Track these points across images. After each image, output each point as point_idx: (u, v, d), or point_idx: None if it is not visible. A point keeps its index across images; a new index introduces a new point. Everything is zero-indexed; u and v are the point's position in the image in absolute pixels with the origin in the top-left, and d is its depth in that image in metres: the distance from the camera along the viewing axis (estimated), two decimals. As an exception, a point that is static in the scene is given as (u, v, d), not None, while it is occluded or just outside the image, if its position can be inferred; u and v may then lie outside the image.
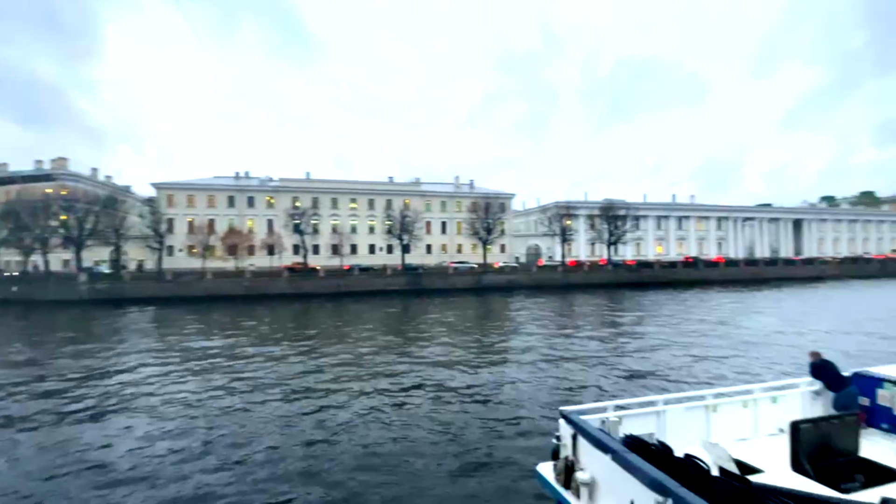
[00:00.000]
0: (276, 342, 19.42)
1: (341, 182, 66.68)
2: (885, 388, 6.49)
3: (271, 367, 14.86)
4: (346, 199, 64.63)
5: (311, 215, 55.59)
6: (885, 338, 18.66)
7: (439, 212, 68.06)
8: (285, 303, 37.95)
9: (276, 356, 16.48)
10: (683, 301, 34.85)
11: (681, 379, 12.90)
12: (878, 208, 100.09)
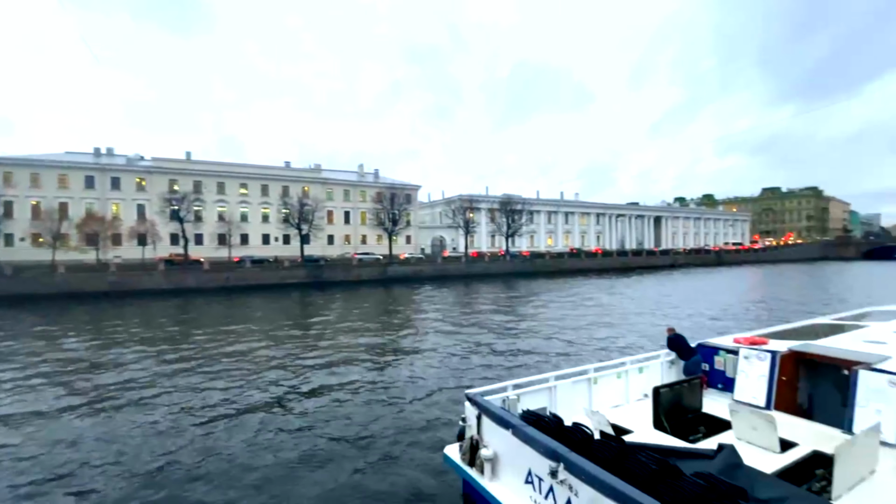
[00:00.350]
0: (150, 343, 17.09)
1: (229, 165, 60.25)
2: (719, 355, 7.97)
3: (143, 372, 13.05)
4: (235, 183, 58.84)
5: (192, 201, 49.33)
6: (719, 313, 22.90)
7: (342, 201, 65.71)
8: (162, 299, 33.53)
9: (150, 359, 14.51)
10: (569, 287, 38.66)
11: (570, 354, 14.37)
12: (715, 208, 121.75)
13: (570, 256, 65.21)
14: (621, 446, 4.33)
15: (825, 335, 8.29)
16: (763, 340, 7.79)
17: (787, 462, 5.22)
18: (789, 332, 8.99)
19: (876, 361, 6.19)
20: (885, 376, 5.78)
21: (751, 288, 38.58)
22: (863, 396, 5.90)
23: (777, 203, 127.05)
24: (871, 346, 7.17)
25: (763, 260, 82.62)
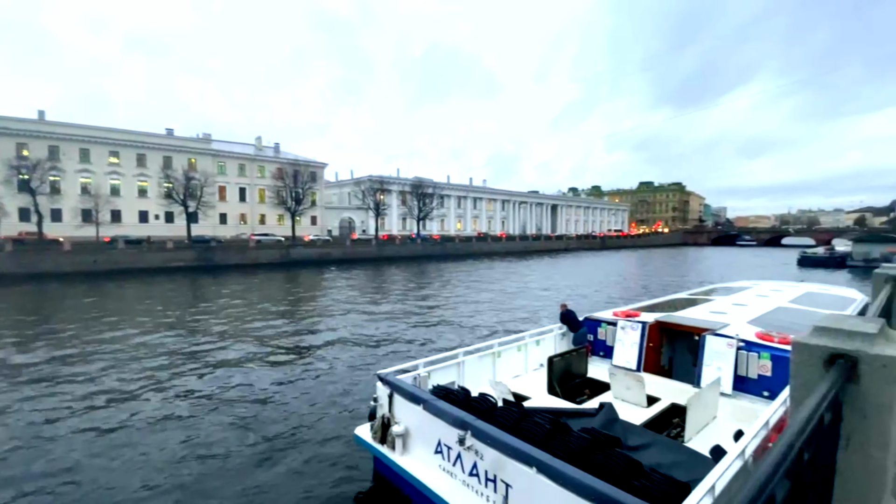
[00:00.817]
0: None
1: (95, 129, 50.82)
2: (602, 327, 9.06)
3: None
4: (104, 151, 50.22)
5: (47, 169, 41.16)
6: (604, 291, 25.84)
7: (236, 176, 59.91)
8: (9, 285, 27.78)
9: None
10: (478, 270, 40.39)
11: (478, 331, 15.12)
12: (601, 199, 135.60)
13: (478, 240, 67.98)
14: (521, 411, 4.77)
15: (682, 308, 9.88)
16: (636, 313, 9.01)
17: (652, 414, 6.19)
18: (655, 305, 10.51)
19: (718, 328, 7.56)
20: (724, 339, 7.11)
21: (629, 269, 44.03)
22: (708, 357, 7.20)
23: (650, 195, 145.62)
24: (716, 315, 8.72)
25: (638, 245, 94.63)
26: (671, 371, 8.45)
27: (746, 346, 6.87)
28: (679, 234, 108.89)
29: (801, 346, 1.61)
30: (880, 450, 1.52)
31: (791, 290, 11.97)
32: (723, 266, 46.14)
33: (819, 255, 47.21)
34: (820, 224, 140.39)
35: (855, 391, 1.52)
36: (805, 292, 11.72)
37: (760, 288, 12.64)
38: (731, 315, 8.65)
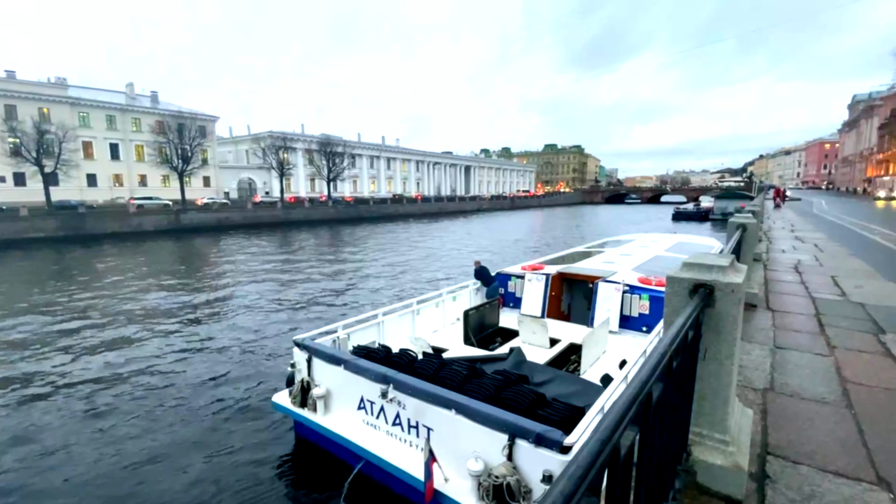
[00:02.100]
0: None
1: None
2: (512, 280, 9.73)
3: None
4: None
5: None
6: (514, 247, 27.47)
7: (105, 130, 50.91)
8: None
9: None
10: (393, 231, 40.15)
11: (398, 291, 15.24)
12: (511, 160, 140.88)
13: (393, 202, 67.01)
14: (440, 362, 5.04)
15: (579, 260, 10.98)
16: (540, 266, 9.80)
17: (554, 353, 6.92)
18: (557, 259, 11.50)
19: (608, 276, 8.55)
20: (613, 285, 8.08)
21: (535, 227, 47.08)
22: (600, 301, 8.15)
23: (554, 157, 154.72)
24: (606, 265, 9.83)
25: (544, 205, 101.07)
26: (570, 315, 9.44)
27: (630, 289, 7.89)
28: (578, 194, 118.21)
29: (673, 279, 1.93)
30: (728, 358, 1.90)
31: (666, 241, 13.83)
32: (614, 222, 51.45)
33: (689, 211, 54.76)
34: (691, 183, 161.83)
35: (711, 313, 1.87)
36: (677, 242, 13.62)
37: (642, 240, 14.42)
38: (618, 264, 9.80)
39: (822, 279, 6.95)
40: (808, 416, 2.70)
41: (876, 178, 63.18)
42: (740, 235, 4.28)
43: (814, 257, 9.23)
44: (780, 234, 13.60)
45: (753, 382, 3.18)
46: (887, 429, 2.56)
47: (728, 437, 1.92)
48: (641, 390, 1.00)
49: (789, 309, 5.15)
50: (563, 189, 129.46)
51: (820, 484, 2.08)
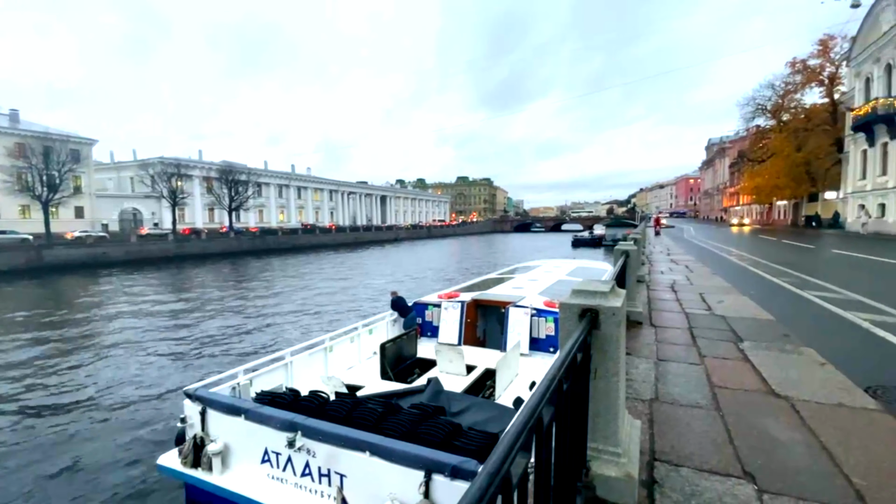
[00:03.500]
0: None
1: None
2: (429, 309, 9.76)
3: None
4: None
5: None
6: (431, 276, 27.70)
7: (-58, 152, 42.30)
8: None
9: None
10: (305, 263, 38.25)
11: (309, 328, 14.37)
12: (426, 191, 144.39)
13: (305, 232, 64.22)
14: (354, 401, 4.80)
15: (492, 286, 11.43)
16: (456, 294, 10.00)
17: (470, 380, 7.00)
18: (472, 286, 11.85)
19: (518, 300, 8.99)
20: (522, 309, 8.50)
21: (452, 255, 48.23)
22: (511, 325, 8.51)
23: (466, 189, 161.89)
24: (516, 290, 10.34)
25: (459, 233, 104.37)
26: (485, 341, 9.69)
27: (537, 313, 8.37)
28: (490, 223, 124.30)
29: (564, 305, 2.09)
30: (615, 375, 2.09)
31: (568, 266, 15.02)
32: (523, 249, 54.76)
33: (585, 238, 60.32)
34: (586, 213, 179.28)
35: (598, 335, 2.05)
36: (577, 267, 14.85)
37: (547, 265, 15.51)
38: (526, 289, 10.38)
39: (693, 296, 8.04)
40: (686, 421, 3.04)
41: (730, 207, 75.97)
42: (624, 261, 4.81)
43: (685, 277, 10.67)
44: (659, 258, 15.55)
45: (642, 394, 3.51)
46: (748, 426, 2.98)
47: (620, 449, 2.08)
48: (531, 416, 1.05)
49: (668, 324, 5.84)
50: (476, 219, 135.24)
51: (699, 483, 2.33)
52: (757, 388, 3.63)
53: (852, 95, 33.72)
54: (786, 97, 43.32)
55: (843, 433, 2.85)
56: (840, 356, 4.48)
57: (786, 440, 2.77)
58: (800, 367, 4.11)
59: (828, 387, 3.63)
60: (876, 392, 3.78)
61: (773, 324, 5.88)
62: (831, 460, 2.53)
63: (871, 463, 2.50)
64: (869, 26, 30.36)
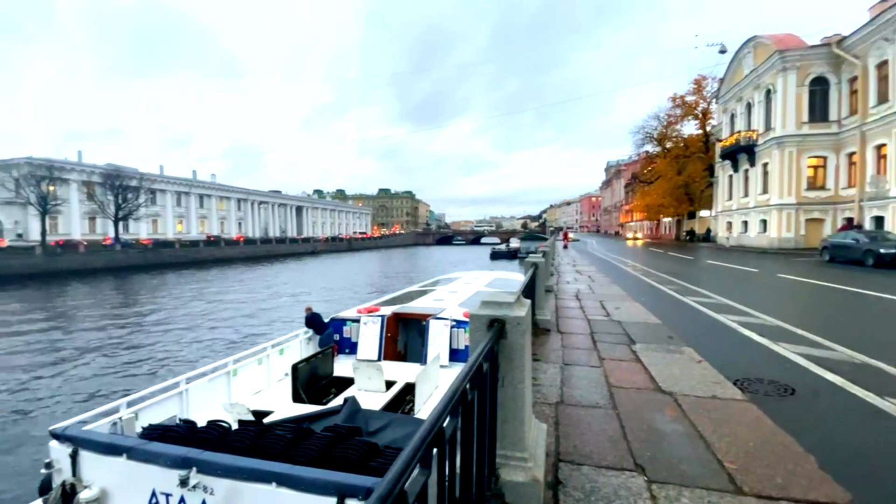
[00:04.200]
0: None
1: None
2: (347, 325, 9.42)
3: None
4: None
5: None
6: (351, 290, 26.86)
7: None
8: None
9: None
10: (207, 279, 34.92)
11: (209, 351, 13.04)
12: (346, 202, 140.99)
13: (208, 244, 58.76)
14: (260, 429, 4.43)
15: (414, 299, 11.39)
16: (376, 308, 9.80)
17: (389, 397, 6.85)
18: (393, 299, 11.72)
19: (438, 313, 9.06)
20: (442, 321, 8.58)
21: (373, 268, 47.40)
22: (431, 337, 8.53)
23: (388, 201, 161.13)
24: (437, 302, 10.42)
25: (380, 246, 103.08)
26: (406, 355, 9.59)
27: (457, 324, 8.51)
28: (412, 236, 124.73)
29: (474, 316, 2.15)
30: (520, 382, 2.17)
31: (486, 277, 15.54)
32: (444, 261, 55.66)
33: (502, 251, 63.09)
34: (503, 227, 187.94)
35: (505, 344, 2.13)
36: (495, 278, 15.43)
37: (467, 277, 15.90)
38: (447, 301, 10.52)
39: (594, 304, 8.76)
40: (587, 422, 3.26)
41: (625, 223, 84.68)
42: (533, 272, 5.11)
43: (588, 286, 11.60)
44: (566, 269, 16.78)
45: (549, 398, 3.71)
46: (640, 422, 3.28)
47: (527, 454, 2.16)
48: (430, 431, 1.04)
49: (573, 331, 6.29)
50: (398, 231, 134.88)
51: (597, 480, 2.49)
52: (647, 386, 4.03)
53: (721, 128, 39.84)
54: (668, 127, 50.09)
55: (716, 422, 3.26)
56: (713, 354, 5.16)
57: (670, 432, 3.10)
58: (681, 365, 4.66)
59: (704, 382, 4.15)
60: (743, 384, 4.38)
61: (660, 327, 6.61)
62: (707, 448, 2.88)
63: (740, 447, 2.88)
64: (733, 70, 36.17)
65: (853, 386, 4.26)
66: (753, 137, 32.06)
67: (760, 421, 3.28)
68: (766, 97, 30.81)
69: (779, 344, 5.89)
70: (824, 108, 27.80)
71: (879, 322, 7.73)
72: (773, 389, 4.28)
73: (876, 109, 23.61)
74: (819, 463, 2.66)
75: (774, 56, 28.69)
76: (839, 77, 27.03)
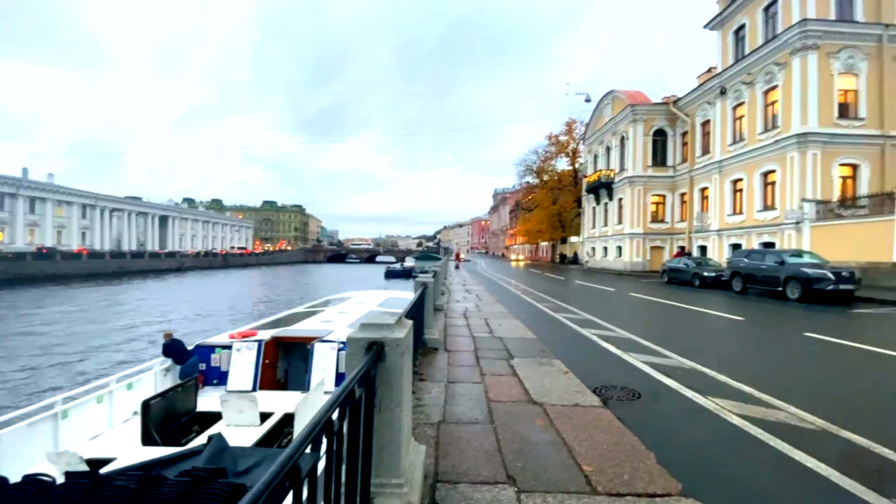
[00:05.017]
0: None
1: None
2: (216, 352, 8.39)
3: None
4: None
5: None
6: (225, 312, 24.12)
7: None
8: None
9: None
10: (34, 300, 28.39)
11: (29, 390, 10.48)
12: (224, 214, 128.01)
13: (39, 257, 48.03)
14: (94, 480, 3.66)
15: (299, 321, 10.66)
16: (253, 332, 8.94)
17: (264, 430, 6.24)
18: (274, 321, 10.83)
19: (325, 335, 8.60)
20: (329, 344, 8.16)
21: (254, 287, 43.42)
22: (316, 362, 8.04)
23: (274, 215, 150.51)
24: (324, 324, 9.90)
25: (263, 263, 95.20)
26: (287, 383, 8.87)
27: (344, 346, 8.17)
28: (301, 253, 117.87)
29: (352, 339, 2.08)
30: (398, 406, 2.14)
31: (379, 297, 15.31)
32: (337, 280, 53.56)
33: (397, 269, 63.12)
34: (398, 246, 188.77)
35: (383, 367, 2.09)
36: (387, 297, 15.27)
37: (359, 297, 15.48)
38: (336, 322, 10.07)
39: (480, 321, 9.20)
40: (467, 439, 3.36)
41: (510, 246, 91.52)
42: (422, 292, 5.19)
43: (476, 305, 12.18)
44: (457, 288, 17.42)
45: (431, 417, 3.74)
46: (513, 434, 3.47)
47: (403, 479, 2.12)
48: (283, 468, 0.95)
49: (459, 348, 6.50)
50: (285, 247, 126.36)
51: (472, 496, 2.55)
52: (521, 399, 4.32)
53: (587, 166, 45.90)
54: (545, 162, 56.19)
55: (577, 429, 3.61)
56: (578, 365, 5.76)
57: (539, 442, 3.34)
58: (551, 377, 5.10)
59: (569, 391, 4.59)
60: (600, 391, 4.95)
61: (535, 341, 7.19)
62: (570, 453, 3.16)
63: (596, 450, 3.22)
64: (596, 117, 42.14)
65: (684, 388, 5.10)
66: (611, 176, 37.57)
67: (612, 424, 3.73)
68: (621, 142, 36.47)
69: (629, 354, 6.82)
70: (664, 154, 33.91)
71: (702, 333, 9.47)
72: (623, 394, 4.91)
73: (700, 159, 29.49)
74: (657, 458, 3.10)
75: (627, 109, 34.29)
76: (675, 130, 33.28)
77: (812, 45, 20.21)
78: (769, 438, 3.65)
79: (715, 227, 27.13)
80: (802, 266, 14.21)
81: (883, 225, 16.47)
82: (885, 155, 20.31)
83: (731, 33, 26.19)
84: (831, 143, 20.29)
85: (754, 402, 4.56)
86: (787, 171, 21.18)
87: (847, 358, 6.74)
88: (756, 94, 23.67)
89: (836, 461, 3.23)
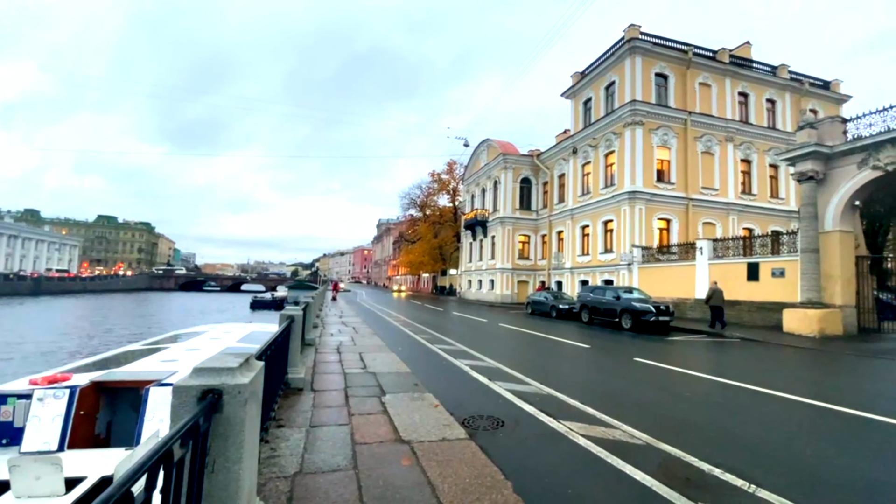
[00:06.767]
0: None
1: None
2: (7, 403, 6.48)
3: None
4: None
5: None
6: (24, 353, 18.97)
7: None
8: None
9: None
10: None
11: None
12: (41, 227, 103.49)
13: None
14: None
15: (132, 361, 8.88)
16: (66, 377, 7.15)
17: (71, 500, 4.92)
18: (99, 362, 8.85)
19: (165, 377, 7.28)
20: (168, 389, 6.93)
21: (73, 319, 35.33)
22: (150, 411, 6.71)
23: (112, 232, 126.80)
24: (167, 364, 8.40)
25: (91, 289, 78.55)
26: (109, 439, 7.23)
27: None
28: (145, 278, 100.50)
29: (180, 388, 1.75)
30: (237, 463, 1.85)
31: (240, 331, 13.68)
32: (188, 312, 46.66)
33: (266, 300, 57.71)
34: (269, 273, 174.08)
35: (219, 419, 1.80)
36: (250, 332, 13.73)
37: (215, 331, 13.62)
38: (181, 362, 8.64)
39: (353, 356, 8.83)
40: (325, 490, 3.08)
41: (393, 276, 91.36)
42: (287, 326, 4.76)
43: (351, 338, 11.70)
44: (332, 320, 16.59)
45: (286, 469, 3.36)
46: (377, 479, 3.30)
47: (238, 552, 1.82)
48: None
49: (327, 387, 6.09)
50: (122, 271, 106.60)
51: (325, 555, 2.31)
52: (389, 438, 4.17)
53: (465, 204, 48.99)
54: (429, 197, 58.63)
55: (442, 465, 3.59)
56: (448, 397, 5.84)
57: (402, 485, 3.23)
58: (422, 412, 5.07)
59: (437, 425, 4.59)
60: (467, 422, 5.05)
61: (410, 375, 7.13)
62: (433, 492, 3.11)
63: (458, 485, 3.22)
64: (473, 161, 45.63)
65: (541, 414, 5.51)
66: (486, 215, 40.75)
67: (476, 456, 3.81)
68: (494, 186, 40.00)
69: (496, 382, 7.19)
70: (529, 200, 38.09)
71: (557, 360, 10.49)
72: (489, 424, 5.10)
73: (557, 206, 33.76)
74: (514, 487, 3.24)
75: (499, 157, 38.00)
76: (538, 179, 37.75)
77: (639, 121, 25.22)
78: (607, 455, 4.12)
79: (568, 265, 31.07)
80: (633, 301, 16.99)
81: (687, 268, 20.77)
82: (689, 212, 25.90)
83: (581, 103, 31.25)
84: (652, 201, 25.18)
85: (596, 423, 5.13)
86: (622, 221, 25.57)
87: (666, 379, 8.11)
88: (599, 156, 28.41)
89: (656, 471, 3.77)
